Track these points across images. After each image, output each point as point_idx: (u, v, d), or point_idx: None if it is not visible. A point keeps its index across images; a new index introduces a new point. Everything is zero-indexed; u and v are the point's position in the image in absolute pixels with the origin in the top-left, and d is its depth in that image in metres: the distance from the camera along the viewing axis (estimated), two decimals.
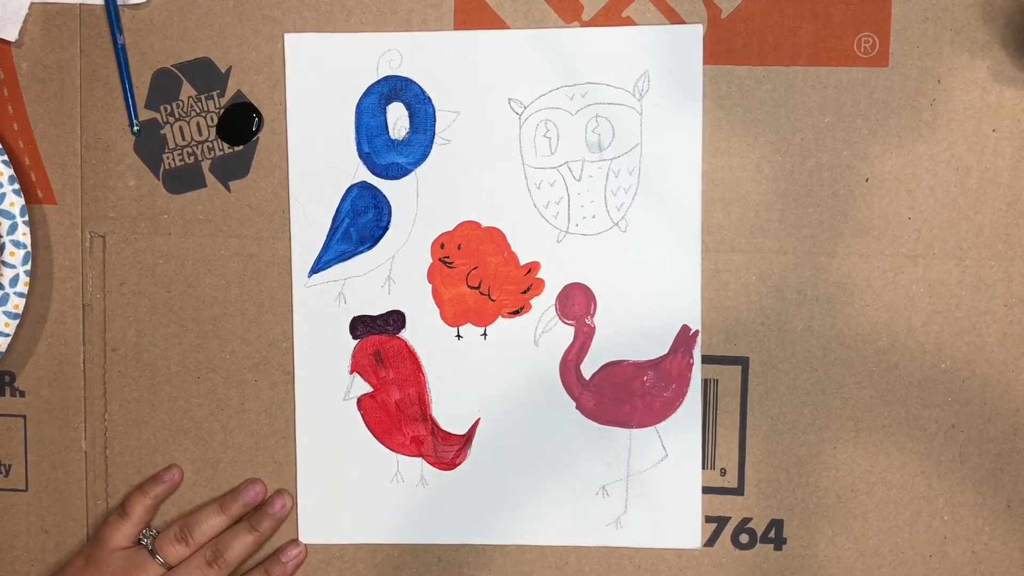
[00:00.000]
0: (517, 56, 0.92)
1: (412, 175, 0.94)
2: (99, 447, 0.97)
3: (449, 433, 0.95)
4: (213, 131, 0.94)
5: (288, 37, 0.93)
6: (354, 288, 0.94)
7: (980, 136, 0.90)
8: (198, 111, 0.94)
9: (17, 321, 0.94)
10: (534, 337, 0.94)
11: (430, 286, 0.94)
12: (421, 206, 0.94)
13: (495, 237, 0.94)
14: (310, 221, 0.94)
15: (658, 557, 0.94)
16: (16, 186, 0.92)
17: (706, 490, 0.94)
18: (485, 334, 0.95)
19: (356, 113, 0.94)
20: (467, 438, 0.95)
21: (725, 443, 0.93)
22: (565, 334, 0.94)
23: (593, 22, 0.92)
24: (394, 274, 0.94)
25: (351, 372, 0.95)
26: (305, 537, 0.96)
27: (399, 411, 0.95)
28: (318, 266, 0.94)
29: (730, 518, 0.94)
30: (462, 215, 0.94)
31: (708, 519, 0.94)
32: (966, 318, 0.91)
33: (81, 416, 0.97)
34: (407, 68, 0.93)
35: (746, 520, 0.94)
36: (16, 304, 0.93)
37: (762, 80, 0.91)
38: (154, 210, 0.95)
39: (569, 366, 0.94)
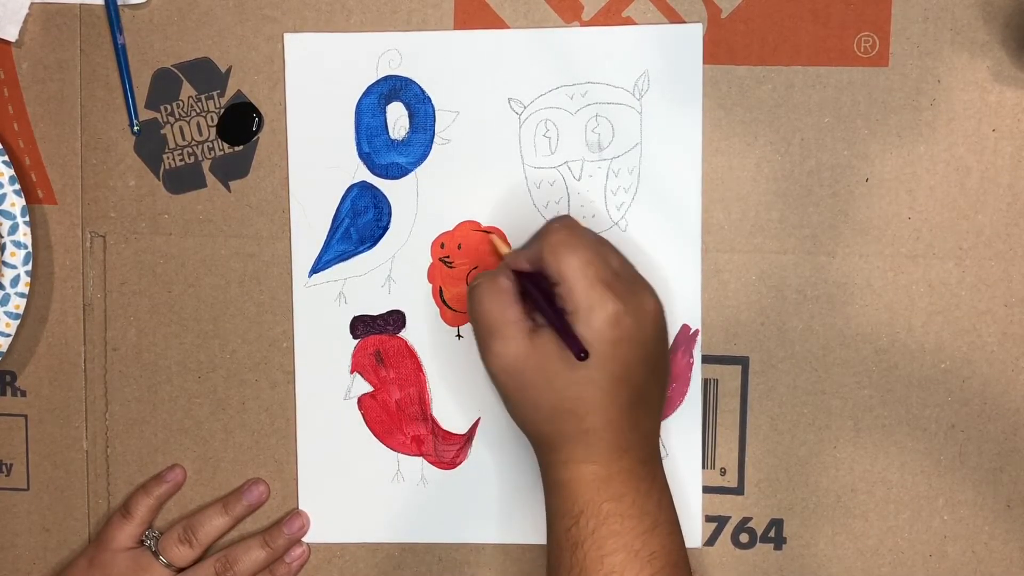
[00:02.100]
0: (517, 56, 0.92)
1: (412, 175, 0.94)
2: (100, 446, 0.97)
3: (450, 432, 0.95)
4: (213, 131, 0.94)
5: (288, 37, 0.93)
6: (354, 288, 0.95)
7: (980, 136, 0.90)
8: (198, 111, 0.94)
9: (18, 321, 0.94)
10: None
11: (430, 286, 0.94)
12: (421, 206, 0.94)
13: (495, 237, 0.94)
14: (310, 221, 0.94)
15: None
16: (17, 186, 0.92)
17: (706, 490, 0.94)
18: None
19: (356, 113, 0.94)
20: (468, 437, 0.95)
21: (725, 443, 0.93)
22: None
23: (593, 22, 0.91)
24: (394, 274, 0.94)
25: (351, 372, 0.95)
26: (306, 536, 0.96)
27: (399, 411, 0.95)
28: (318, 266, 0.94)
29: (730, 518, 0.94)
30: (462, 215, 0.94)
31: (708, 519, 0.94)
32: (966, 318, 0.91)
33: (82, 415, 0.97)
34: (407, 68, 0.93)
35: (746, 520, 0.94)
36: (17, 304, 0.93)
37: (762, 80, 0.91)
38: (154, 210, 0.95)
39: None
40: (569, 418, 0.82)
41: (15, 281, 0.93)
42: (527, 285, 0.85)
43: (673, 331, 0.93)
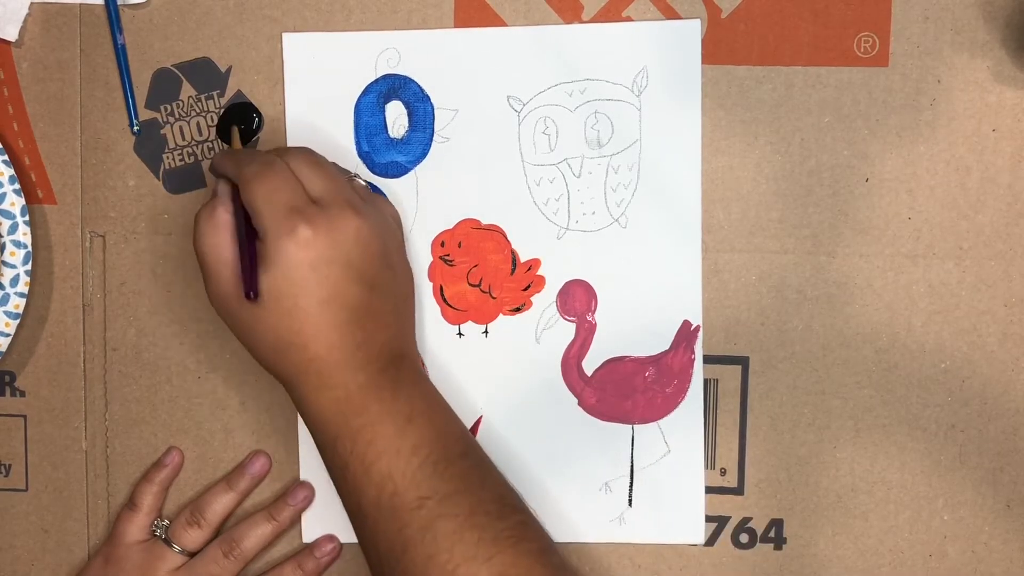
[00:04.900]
0: (515, 53, 0.92)
1: (411, 173, 0.94)
2: (99, 447, 0.97)
3: None
4: (213, 131, 0.94)
5: (286, 36, 0.93)
6: None
7: (980, 136, 0.90)
8: (198, 111, 0.94)
9: (17, 321, 0.94)
10: (535, 334, 0.94)
11: (431, 284, 0.94)
12: (421, 204, 0.94)
13: (495, 235, 0.94)
14: None
15: (658, 556, 0.95)
16: (16, 186, 0.92)
17: (706, 490, 0.94)
18: (486, 332, 0.95)
19: (355, 112, 0.93)
20: None
21: (725, 443, 0.94)
22: (566, 331, 0.94)
23: (593, 22, 0.91)
24: None
25: None
26: (307, 536, 0.96)
27: None
28: None
29: (730, 518, 0.94)
30: (462, 213, 0.94)
31: (708, 518, 0.94)
32: (966, 318, 0.91)
33: (81, 416, 0.97)
34: (405, 66, 0.93)
35: (746, 520, 0.94)
36: (16, 304, 0.93)
37: (762, 80, 0.91)
38: (154, 210, 0.95)
39: (571, 363, 0.94)
40: (293, 350, 0.83)
41: (15, 281, 0.93)
42: (237, 213, 0.85)
43: (674, 328, 0.93)
